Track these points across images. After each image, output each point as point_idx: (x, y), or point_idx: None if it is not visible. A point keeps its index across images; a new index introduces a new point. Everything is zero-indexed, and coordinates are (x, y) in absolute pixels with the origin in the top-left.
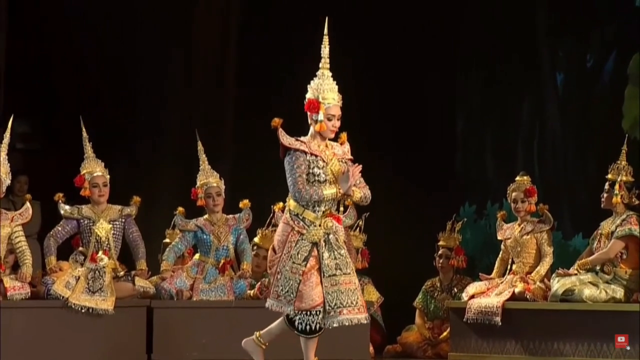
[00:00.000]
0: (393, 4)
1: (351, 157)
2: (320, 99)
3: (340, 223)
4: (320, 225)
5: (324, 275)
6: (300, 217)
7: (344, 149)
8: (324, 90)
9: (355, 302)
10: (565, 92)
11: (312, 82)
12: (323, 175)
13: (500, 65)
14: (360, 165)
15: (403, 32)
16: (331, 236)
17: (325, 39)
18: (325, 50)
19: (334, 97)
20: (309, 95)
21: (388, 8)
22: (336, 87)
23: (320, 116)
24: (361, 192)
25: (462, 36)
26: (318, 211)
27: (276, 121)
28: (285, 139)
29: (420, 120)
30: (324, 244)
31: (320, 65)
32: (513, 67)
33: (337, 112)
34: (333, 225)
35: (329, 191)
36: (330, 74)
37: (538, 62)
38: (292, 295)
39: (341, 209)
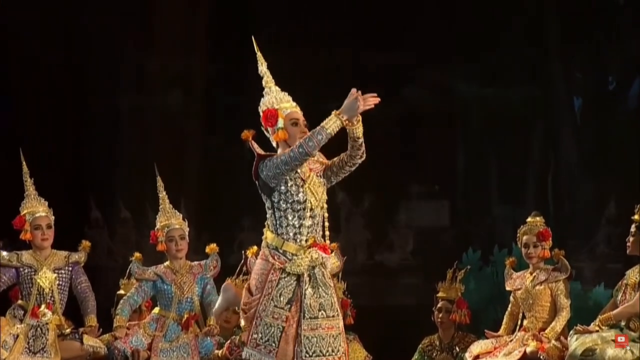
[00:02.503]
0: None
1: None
2: (276, 107)
3: (328, 253)
4: (304, 257)
5: (304, 316)
6: (281, 251)
7: (319, 159)
8: (278, 99)
9: (336, 349)
10: (584, 119)
11: (261, 100)
12: (302, 195)
13: (508, 87)
14: (378, 98)
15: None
16: (317, 270)
17: (260, 57)
18: (262, 67)
19: (292, 104)
20: (263, 109)
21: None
22: (290, 97)
23: (280, 123)
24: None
25: (465, 55)
26: (300, 240)
27: (246, 133)
28: (261, 151)
29: (415, 150)
30: (308, 279)
31: (264, 83)
32: (523, 90)
33: (300, 116)
34: (319, 256)
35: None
36: (278, 88)
37: (552, 84)
38: (273, 345)
39: (327, 242)
